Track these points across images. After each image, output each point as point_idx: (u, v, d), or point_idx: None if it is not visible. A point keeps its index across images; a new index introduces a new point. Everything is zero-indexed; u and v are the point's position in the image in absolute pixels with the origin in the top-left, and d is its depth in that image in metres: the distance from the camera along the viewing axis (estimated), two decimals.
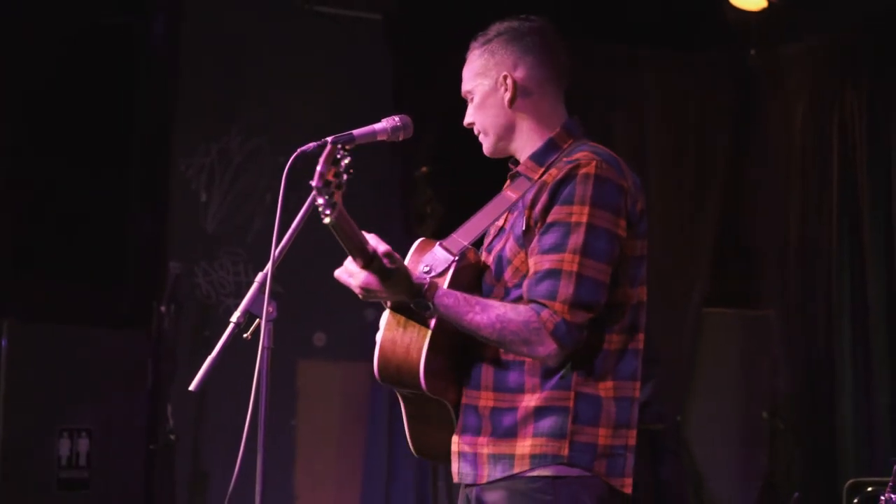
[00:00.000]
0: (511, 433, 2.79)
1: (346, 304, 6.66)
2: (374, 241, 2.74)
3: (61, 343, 5.85)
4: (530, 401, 2.78)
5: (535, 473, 2.76)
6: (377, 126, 2.90)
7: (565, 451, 2.76)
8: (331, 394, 6.65)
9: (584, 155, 2.82)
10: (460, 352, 2.85)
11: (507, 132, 2.96)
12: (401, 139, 2.93)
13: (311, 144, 2.71)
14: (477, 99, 2.97)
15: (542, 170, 2.89)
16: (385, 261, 2.72)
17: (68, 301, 6.09)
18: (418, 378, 2.75)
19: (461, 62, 3.04)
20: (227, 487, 2.66)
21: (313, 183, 2.47)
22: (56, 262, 6.19)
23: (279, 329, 2.75)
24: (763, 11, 6.67)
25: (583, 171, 2.77)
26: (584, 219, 2.74)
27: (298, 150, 2.71)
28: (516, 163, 2.99)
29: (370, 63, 6.72)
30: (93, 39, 6.34)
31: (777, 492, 6.88)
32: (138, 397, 5.93)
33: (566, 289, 2.71)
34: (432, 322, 2.77)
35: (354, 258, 2.75)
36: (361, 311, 6.64)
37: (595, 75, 6.87)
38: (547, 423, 2.76)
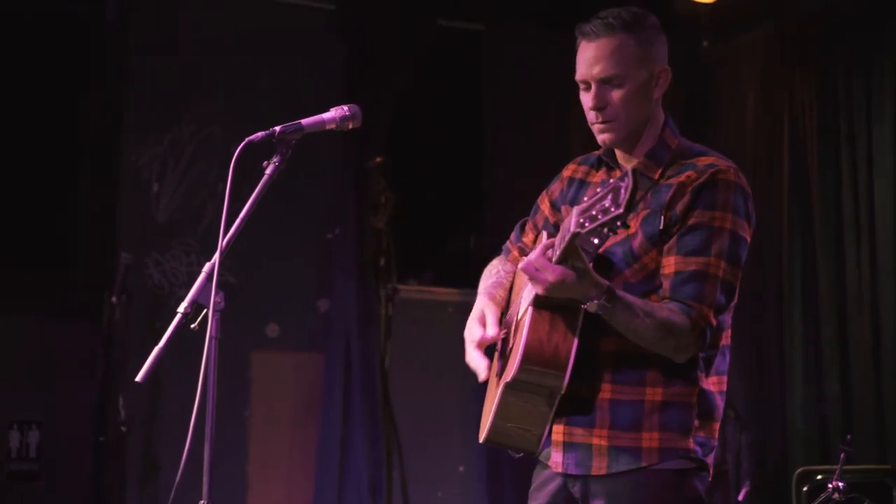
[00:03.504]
0: (635, 426, 2.80)
1: (299, 296, 6.67)
2: (559, 240, 2.67)
3: (11, 334, 5.81)
4: (654, 395, 2.80)
5: (662, 467, 2.79)
6: (326, 116, 2.91)
7: (690, 445, 2.82)
8: (284, 384, 6.62)
9: (716, 160, 2.85)
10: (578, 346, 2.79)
11: (641, 126, 2.90)
12: (350, 128, 2.94)
13: (259, 134, 2.74)
14: (629, 86, 2.85)
15: (661, 170, 2.86)
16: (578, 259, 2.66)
17: (18, 292, 6.04)
18: (563, 378, 2.70)
19: (413, 52, 3.03)
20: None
21: (621, 210, 2.46)
22: (5, 252, 6.13)
23: (232, 320, 2.74)
24: (714, 3, 6.70)
25: (723, 177, 2.81)
26: (728, 225, 2.79)
27: (246, 140, 2.73)
28: (610, 153, 2.95)
29: (323, 52, 6.70)
30: (45, 27, 6.29)
31: (727, 480, 6.93)
32: (89, 389, 5.88)
33: (712, 293, 2.77)
34: (579, 322, 2.72)
35: (556, 257, 2.67)
36: (314, 303, 6.63)
37: (549, 65, 6.89)
38: (674, 417, 2.80)
